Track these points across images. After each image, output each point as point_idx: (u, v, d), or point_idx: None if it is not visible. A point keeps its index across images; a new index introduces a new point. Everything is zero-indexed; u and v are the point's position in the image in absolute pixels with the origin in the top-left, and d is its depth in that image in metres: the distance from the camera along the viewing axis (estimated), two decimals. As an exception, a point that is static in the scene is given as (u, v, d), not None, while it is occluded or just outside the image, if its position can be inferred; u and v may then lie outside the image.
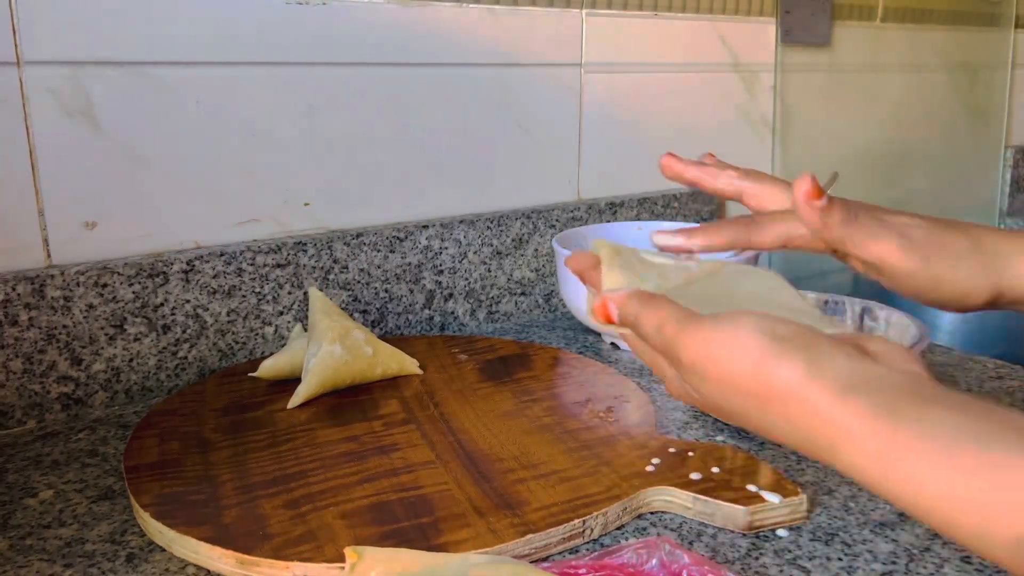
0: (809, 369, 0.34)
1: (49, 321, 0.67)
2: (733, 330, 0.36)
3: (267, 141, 0.78)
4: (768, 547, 0.50)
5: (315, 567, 0.46)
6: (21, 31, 0.65)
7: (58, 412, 0.69)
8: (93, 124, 0.69)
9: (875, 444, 0.31)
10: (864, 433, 0.32)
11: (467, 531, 0.49)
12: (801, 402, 0.34)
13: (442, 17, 0.86)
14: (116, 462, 0.61)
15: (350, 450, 0.59)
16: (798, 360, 0.34)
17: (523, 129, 0.94)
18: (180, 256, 0.73)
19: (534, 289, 0.96)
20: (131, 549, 0.50)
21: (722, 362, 0.36)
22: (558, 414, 0.65)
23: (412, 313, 0.88)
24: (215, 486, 0.54)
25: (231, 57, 0.75)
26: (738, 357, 0.35)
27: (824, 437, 0.33)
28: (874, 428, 0.32)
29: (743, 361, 0.35)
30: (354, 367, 0.68)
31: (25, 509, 0.54)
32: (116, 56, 0.69)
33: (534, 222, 0.95)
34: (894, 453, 0.31)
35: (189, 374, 0.75)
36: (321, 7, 0.78)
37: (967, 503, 0.29)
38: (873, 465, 0.32)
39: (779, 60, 1.18)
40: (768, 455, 0.61)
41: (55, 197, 0.68)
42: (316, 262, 0.80)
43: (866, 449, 0.32)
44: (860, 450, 0.32)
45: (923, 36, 1.41)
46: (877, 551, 0.49)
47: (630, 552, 0.46)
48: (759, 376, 0.35)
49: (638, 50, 1.02)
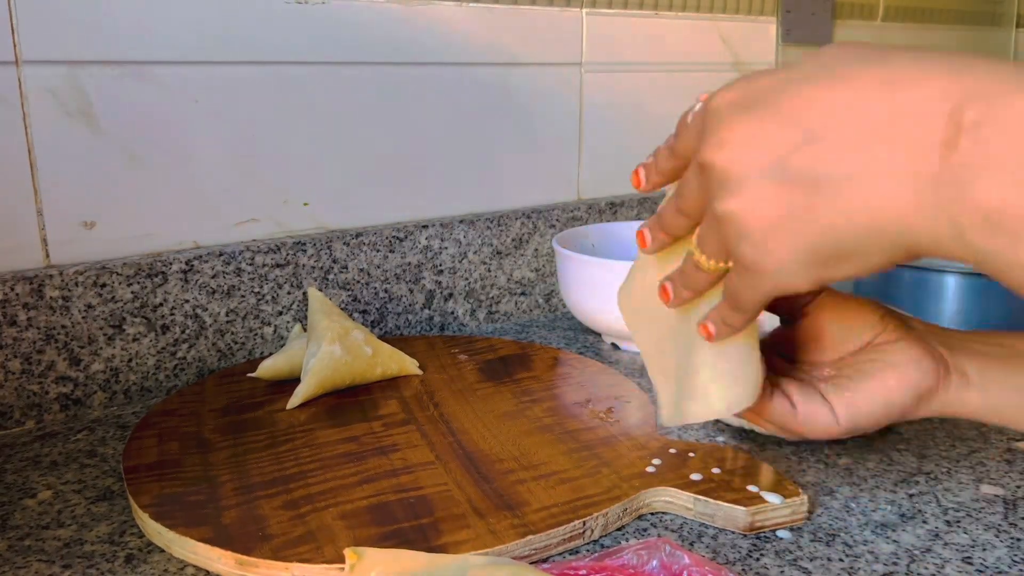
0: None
1: (48, 321, 0.67)
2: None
3: (267, 141, 0.78)
4: (769, 548, 0.50)
5: (314, 568, 0.46)
6: (20, 31, 0.65)
7: (57, 412, 0.69)
8: (92, 124, 0.69)
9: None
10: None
11: (467, 532, 0.48)
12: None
13: (442, 17, 0.86)
14: (115, 463, 0.61)
15: (349, 451, 0.59)
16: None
17: (523, 129, 0.94)
18: (179, 256, 0.73)
19: (534, 289, 0.96)
20: (130, 550, 0.50)
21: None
22: (558, 414, 0.65)
23: (412, 313, 0.88)
24: (214, 487, 0.54)
25: (231, 57, 0.75)
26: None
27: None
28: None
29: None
30: (353, 367, 0.68)
31: (24, 510, 0.54)
32: (115, 56, 0.69)
33: (534, 222, 0.95)
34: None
35: (188, 374, 0.75)
36: (320, 7, 0.78)
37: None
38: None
39: (780, 60, 1.18)
40: (769, 456, 0.61)
41: (54, 197, 0.68)
42: (315, 262, 0.80)
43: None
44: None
45: (924, 35, 1.40)
46: (878, 552, 0.49)
47: (631, 553, 0.45)
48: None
49: (638, 50, 1.02)
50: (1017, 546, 0.50)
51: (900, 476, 0.58)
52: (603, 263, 0.78)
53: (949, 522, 0.53)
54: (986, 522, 0.53)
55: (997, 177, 0.27)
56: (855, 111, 0.30)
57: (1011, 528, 0.52)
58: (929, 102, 0.29)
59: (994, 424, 0.45)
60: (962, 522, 0.53)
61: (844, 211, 0.31)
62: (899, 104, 0.29)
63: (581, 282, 0.81)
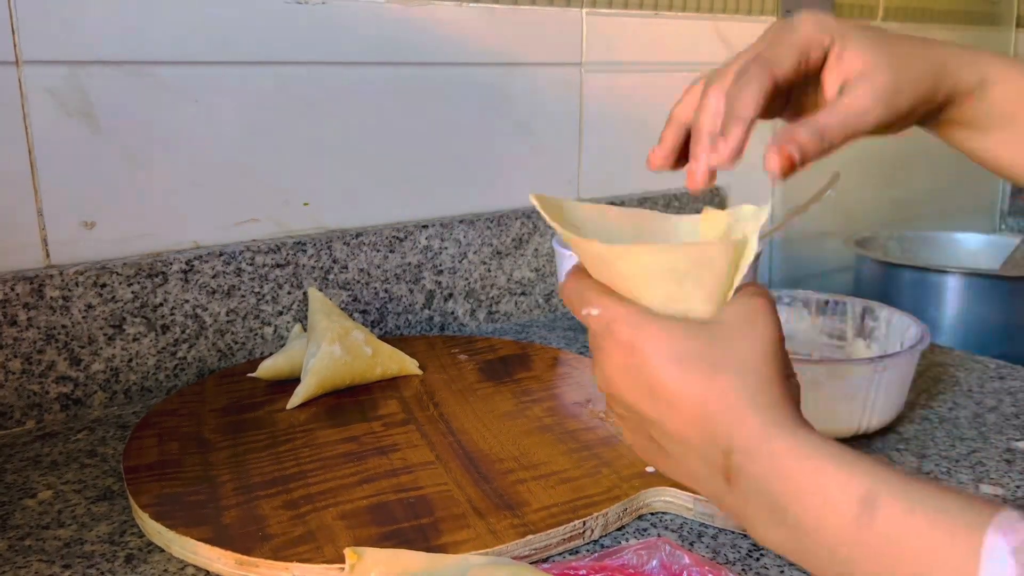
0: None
1: (48, 321, 0.67)
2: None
3: (267, 141, 0.78)
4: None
5: (314, 568, 0.46)
6: (20, 31, 0.65)
7: (57, 412, 0.69)
8: (92, 124, 0.69)
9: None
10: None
11: (467, 532, 0.48)
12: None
13: (442, 17, 0.86)
14: (115, 462, 0.61)
15: (349, 451, 0.59)
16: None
17: (523, 129, 0.94)
18: (179, 256, 0.73)
19: (534, 289, 0.96)
20: (130, 550, 0.50)
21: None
22: (558, 414, 0.65)
23: (412, 313, 0.88)
24: (214, 487, 0.54)
25: (231, 57, 0.75)
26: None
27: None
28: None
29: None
30: (353, 367, 0.68)
31: (24, 510, 0.54)
32: (116, 56, 0.69)
33: (534, 222, 0.95)
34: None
35: (188, 374, 0.75)
36: (320, 7, 0.78)
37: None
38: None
39: (779, 60, 1.18)
40: (769, 455, 0.61)
41: (54, 197, 0.68)
42: (315, 262, 0.80)
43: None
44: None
45: (924, 35, 1.40)
46: (878, 552, 0.49)
47: (630, 553, 0.45)
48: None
49: (638, 50, 1.02)
50: (1017, 546, 0.50)
51: (900, 476, 0.58)
52: None
53: (949, 522, 0.52)
54: (986, 522, 0.52)
55: (758, 517, 0.34)
56: (683, 421, 0.36)
57: (1011, 528, 0.52)
58: (715, 439, 0.34)
59: None
60: (962, 522, 0.52)
61: (675, 472, 0.39)
62: (704, 427, 0.35)
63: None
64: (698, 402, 0.34)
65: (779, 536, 0.33)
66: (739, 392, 0.34)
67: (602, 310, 0.37)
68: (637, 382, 0.36)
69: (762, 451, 0.33)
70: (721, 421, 0.34)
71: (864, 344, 0.74)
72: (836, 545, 0.31)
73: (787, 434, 0.33)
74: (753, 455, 0.33)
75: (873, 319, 0.73)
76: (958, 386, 0.76)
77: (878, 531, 0.29)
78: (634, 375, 0.36)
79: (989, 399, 0.73)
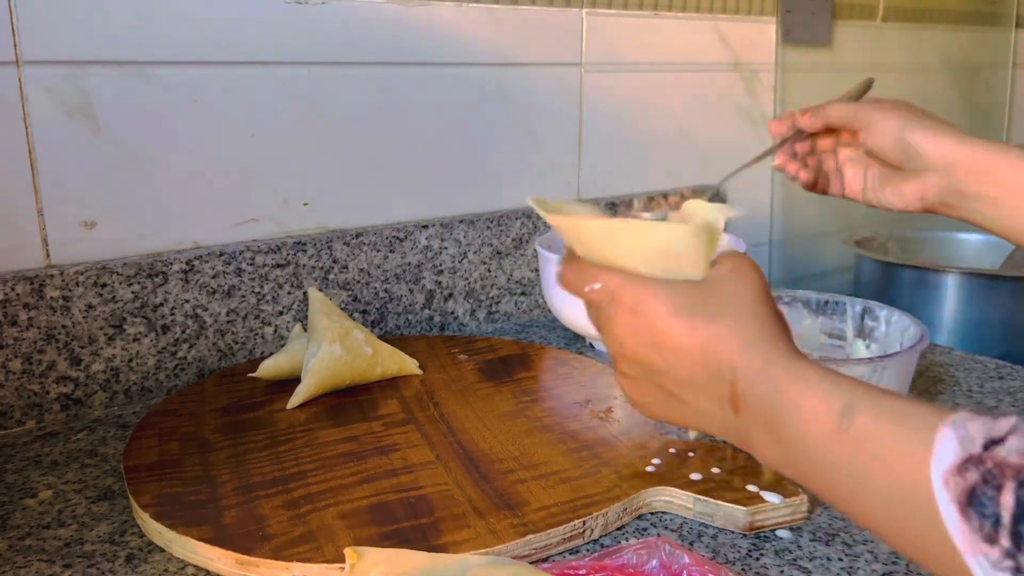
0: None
1: (48, 321, 0.67)
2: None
3: (267, 141, 0.78)
4: (769, 547, 0.50)
5: (314, 567, 0.46)
6: (21, 31, 0.65)
7: (57, 412, 0.69)
8: (93, 124, 0.69)
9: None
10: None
11: (467, 532, 0.49)
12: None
13: (442, 17, 0.86)
14: (115, 462, 0.61)
15: (350, 450, 0.59)
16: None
17: (523, 129, 0.94)
18: (179, 256, 0.73)
19: (534, 289, 0.96)
20: (130, 549, 0.50)
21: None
22: (558, 414, 0.65)
23: (412, 313, 0.88)
24: (214, 486, 0.54)
25: (231, 57, 0.75)
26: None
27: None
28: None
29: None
30: (354, 367, 0.68)
31: (24, 509, 0.54)
32: (116, 56, 0.69)
33: (534, 222, 0.95)
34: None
35: (188, 374, 0.75)
36: (321, 7, 0.78)
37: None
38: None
39: (779, 60, 1.18)
40: (768, 455, 0.61)
41: (54, 197, 0.68)
42: (316, 262, 0.80)
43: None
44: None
45: (924, 36, 1.40)
46: (877, 552, 0.49)
47: (630, 553, 0.45)
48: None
49: (638, 50, 1.02)
50: (1016, 546, 0.50)
51: (900, 476, 0.58)
52: None
53: (948, 522, 0.53)
54: (985, 522, 0.53)
55: (760, 438, 0.38)
56: (691, 363, 0.39)
57: (1010, 528, 0.52)
58: (720, 374, 0.38)
59: None
60: (961, 522, 0.53)
61: (686, 416, 0.42)
62: (709, 365, 0.39)
63: (555, 283, 0.81)
64: (702, 345, 0.38)
65: (776, 453, 0.37)
66: (737, 332, 0.38)
67: (604, 282, 0.41)
68: (645, 338, 0.40)
69: (761, 377, 0.37)
70: (724, 358, 0.38)
71: (864, 344, 0.74)
72: (820, 452, 0.35)
73: (782, 360, 0.37)
74: (754, 381, 0.37)
75: (873, 319, 0.73)
76: (958, 386, 0.76)
77: (853, 436, 0.33)
78: (642, 332, 0.40)
79: (989, 399, 0.73)
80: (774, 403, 0.36)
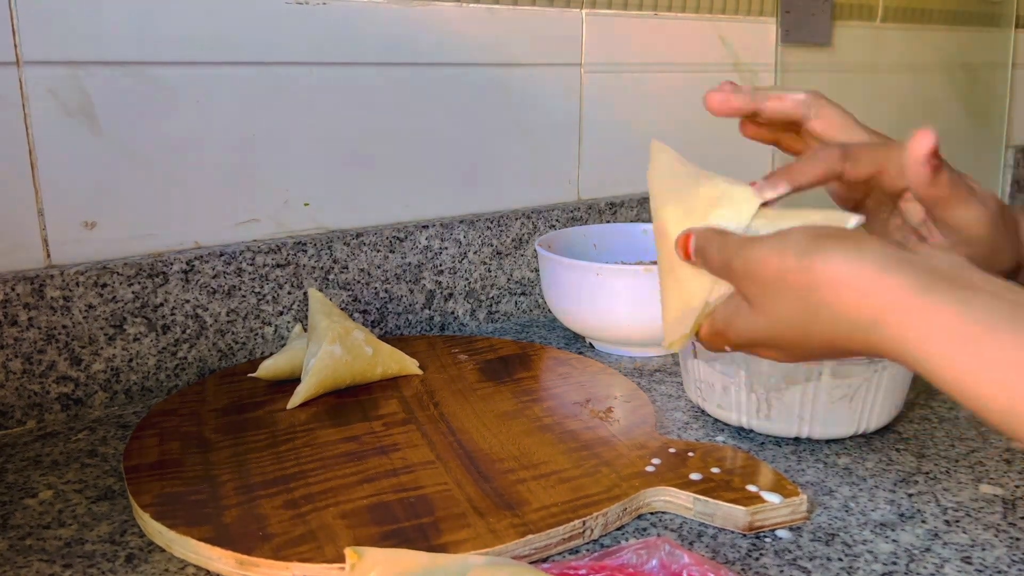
0: (849, 253, 0.37)
1: (49, 321, 0.67)
2: (782, 234, 0.40)
3: (267, 141, 0.78)
4: (768, 547, 0.50)
5: (315, 567, 0.46)
6: (21, 31, 0.65)
7: (58, 412, 0.69)
8: (93, 124, 0.69)
9: (912, 319, 0.34)
10: (903, 309, 0.35)
11: (467, 531, 0.49)
12: (843, 284, 0.37)
13: (442, 17, 0.86)
14: (116, 462, 0.61)
15: (350, 450, 0.59)
16: (839, 248, 0.37)
17: (523, 129, 0.94)
18: (180, 256, 0.73)
19: (534, 289, 0.96)
20: (131, 549, 0.50)
21: (771, 261, 0.40)
22: (558, 414, 0.65)
23: (412, 313, 0.88)
24: (215, 486, 0.54)
25: (231, 57, 0.75)
26: (787, 253, 0.39)
27: (866, 315, 0.36)
28: (913, 304, 0.34)
29: (790, 257, 0.39)
30: (354, 367, 0.68)
31: (24, 509, 0.54)
32: (116, 56, 0.69)
33: (534, 222, 0.95)
34: (932, 330, 0.34)
35: (189, 374, 0.75)
36: (321, 7, 0.78)
37: (998, 385, 0.32)
38: (911, 341, 0.34)
39: (779, 60, 1.18)
40: (768, 455, 0.61)
41: (55, 197, 0.68)
42: (316, 262, 0.80)
43: (905, 324, 0.35)
44: (899, 325, 0.35)
45: (923, 36, 1.40)
46: (877, 551, 0.49)
47: (630, 552, 0.45)
48: (804, 267, 0.38)
49: (638, 50, 1.02)
50: (1016, 546, 0.50)
51: (899, 476, 0.59)
52: (575, 264, 0.78)
53: (948, 522, 0.53)
54: (985, 522, 0.53)
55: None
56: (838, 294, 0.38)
57: (1010, 528, 0.52)
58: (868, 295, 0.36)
59: None
60: (961, 522, 0.53)
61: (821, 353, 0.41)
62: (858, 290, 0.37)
63: (558, 284, 0.81)
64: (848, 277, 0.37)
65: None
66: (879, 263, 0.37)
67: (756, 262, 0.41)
68: (799, 294, 0.39)
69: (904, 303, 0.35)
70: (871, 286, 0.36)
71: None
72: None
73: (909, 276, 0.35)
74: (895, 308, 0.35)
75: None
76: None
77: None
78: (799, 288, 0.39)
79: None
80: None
